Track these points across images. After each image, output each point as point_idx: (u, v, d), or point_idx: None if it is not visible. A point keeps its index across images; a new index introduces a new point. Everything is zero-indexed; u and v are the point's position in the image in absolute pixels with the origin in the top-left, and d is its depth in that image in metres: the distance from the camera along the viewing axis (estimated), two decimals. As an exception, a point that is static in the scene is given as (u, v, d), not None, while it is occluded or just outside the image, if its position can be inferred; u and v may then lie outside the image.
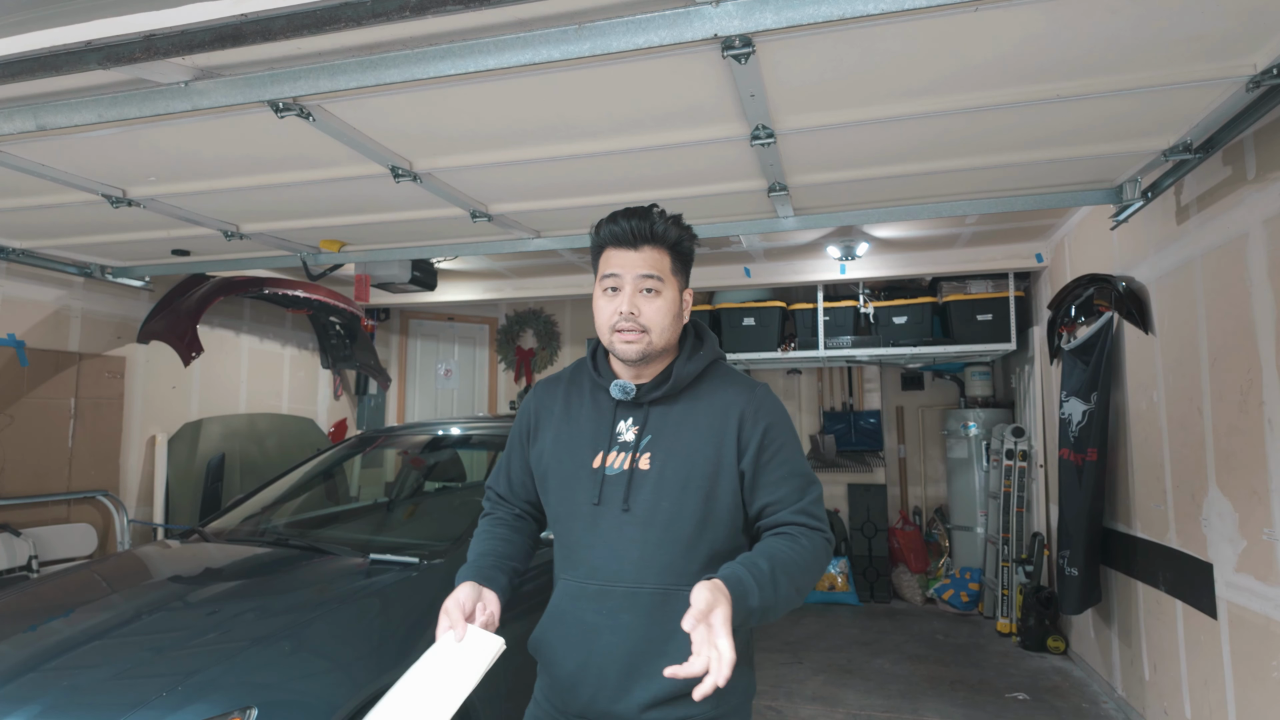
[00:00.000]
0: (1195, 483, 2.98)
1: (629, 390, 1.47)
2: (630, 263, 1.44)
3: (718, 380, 1.52)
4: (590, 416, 1.52)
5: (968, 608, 5.87)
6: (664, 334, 1.45)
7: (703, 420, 1.46)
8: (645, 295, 1.44)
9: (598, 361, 1.56)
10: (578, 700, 1.44)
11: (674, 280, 1.47)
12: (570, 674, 1.45)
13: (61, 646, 2.08)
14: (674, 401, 1.48)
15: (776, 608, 1.30)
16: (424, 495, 4.09)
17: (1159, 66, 1.97)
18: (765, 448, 1.44)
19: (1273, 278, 2.43)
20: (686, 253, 1.51)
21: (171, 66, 1.87)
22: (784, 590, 1.31)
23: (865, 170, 2.74)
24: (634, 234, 1.44)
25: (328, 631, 2.21)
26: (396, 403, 7.23)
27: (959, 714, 3.85)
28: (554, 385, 1.63)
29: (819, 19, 1.58)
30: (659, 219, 1.45)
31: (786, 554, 1.35)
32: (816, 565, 1.40)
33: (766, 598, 1.27)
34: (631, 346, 1.43)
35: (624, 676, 1.39)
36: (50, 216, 3.28)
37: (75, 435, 4.30)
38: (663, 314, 1.44)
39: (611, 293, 1.46)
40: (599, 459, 1.47)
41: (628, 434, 1.48)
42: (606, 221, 1.47)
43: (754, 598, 1.25)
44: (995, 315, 5.47)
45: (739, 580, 1.24)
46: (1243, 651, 2.65)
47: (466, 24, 1.73)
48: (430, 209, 3.15)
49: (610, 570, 1.42)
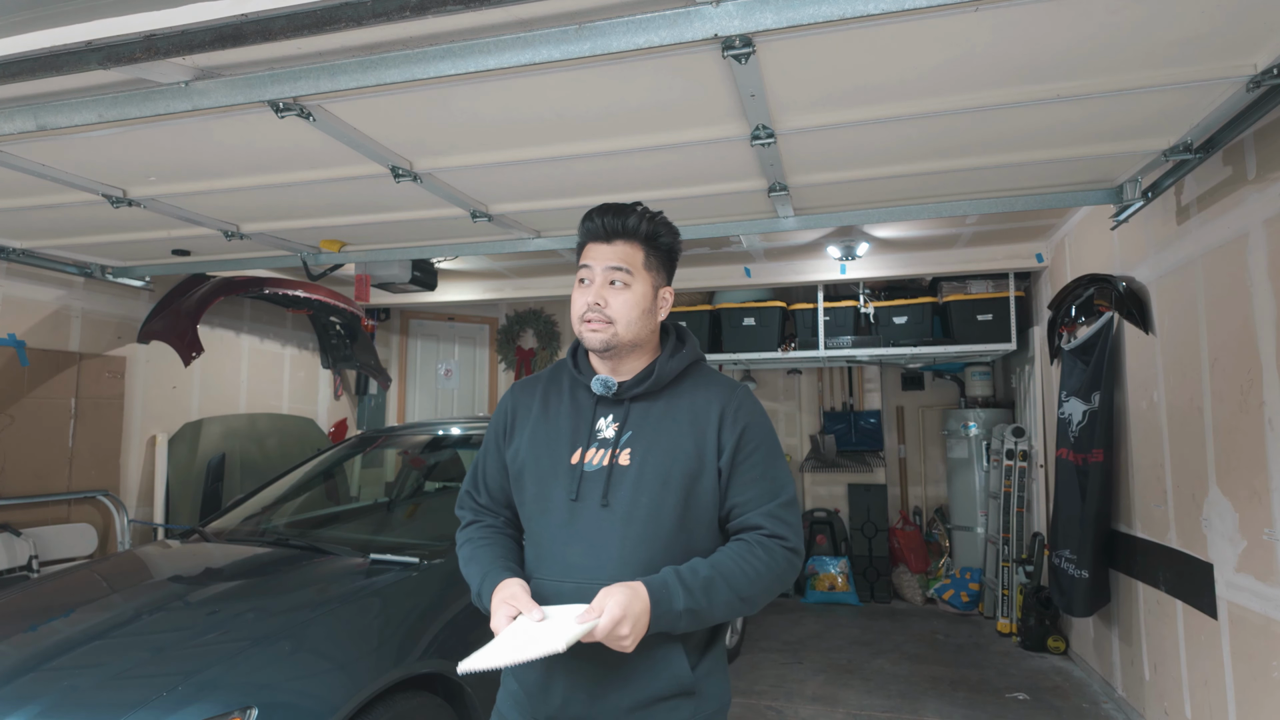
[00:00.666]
0: (1195, 483, 2.98)
1: (611, 385, 1.48)
2: (601, 255, 1.47)
3: (699, 379, 1.53)
4: (569, 413, 1.52)
5: (968, 608, 5.87)
6: (630, 327, 1.46)
7: (684, 418, 1.46)
8: (613, 288, 1.45)
9: (578, 359, 1.56)
10: (549, 706, 1.40)
11: (646, 275, 1.49)
12: (540, 679, 1.41)
13: (61, 646, 2.08)
14: (655, 399, 1.49)
15: (711, 613, 1.33)
16: (424, 495, 4.09)
17: (1159, 66, 1.97)
18: (741, 448, 1.44)
19: (1273, 278, 2.43)
20: (664, 249, 1.52)
21: (172, 66, 1.87)
22: (722, 597, 1.33)
23: (865, 170, 2.74)
24: (606, 229, 1.48)
25: (328, 631, 2.21)
26: (397, 403, 7.23)
27: (959, 714, 3.85)
28: (532, 385, 1.62)
29: (819, 19, 1.58)
30: (633, 214, 1.48)
31: (734, 563, 1.36)
32: (771, 575, 1.38)
33: (697, 603, 1.30)
34: (596, 335, 1.45)
35: (599, 679, 1.37)
36: (51, 216, 3.28)
37: (76, 435, 4.30)
38: (629, 307, 1.45)
39: (583, 284, 1.48)
40: (577, 455, 1.47)
41: (608, 430, 1.47)
42: (585, 217, 1.51)
43: (679, 601, 1.29)
44: (995, 315, 5.47)
45: (663, 584, 1.29)
46: (1243, 652, 2.65)
47: (467, 24, 1.73)
48: (430, 209, 3.15)
49: (587, 568, 1.39)
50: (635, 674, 1.37)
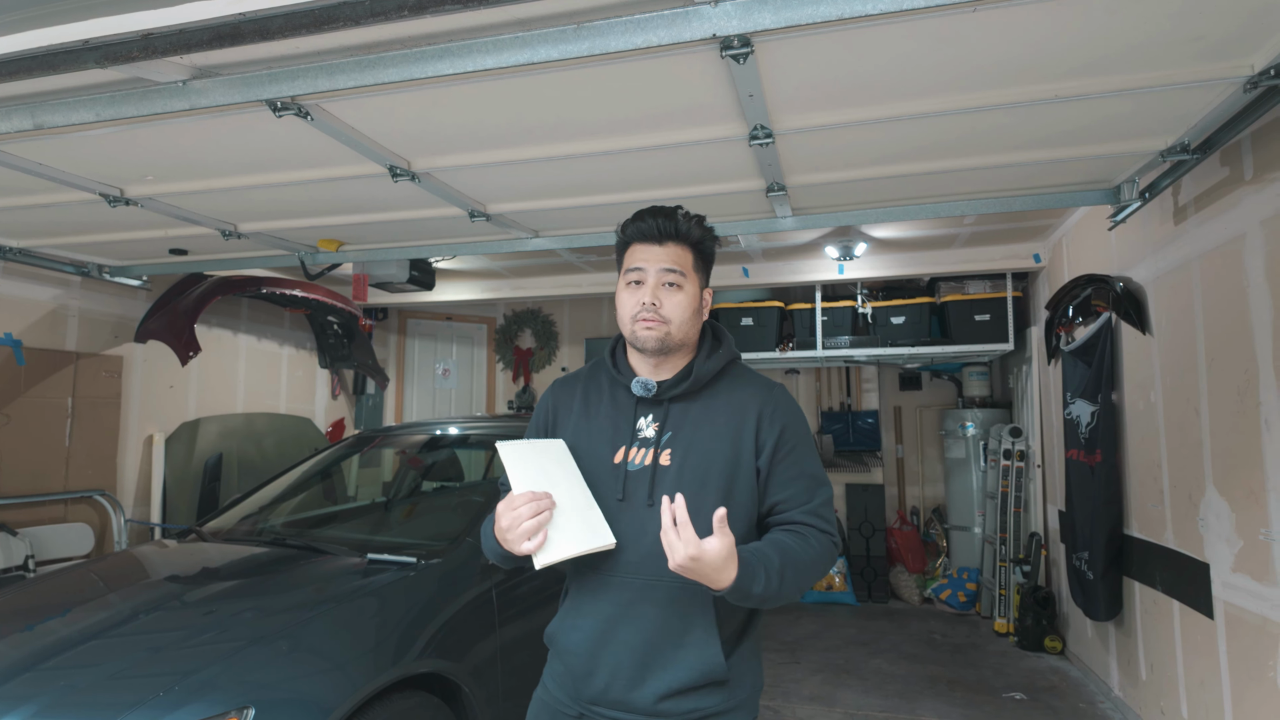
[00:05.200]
0: (1192, 483, 2.98)
1: (650, 387, 1.51)
2: (654, 257, 1.49)
3: (736, 379, 1.56)
4: (609, 413, 1.55)
5: (965, 607, 5.88)
6: (683, 327, 1.49)
7: (721, 418, 1.49)
8: (667, 289, 1.49)
9: (616, 358, 1.59)
10: (591, 689, 1.46)
11: (695, 277, 1.53)
12: (585, 663, 1.46)
13: (58, 646, 2.08)
14: (694, 399, 1.52)
15: (776, 599, 1.36)
16: (422, 495, 4.09)
17: (1157, 67, 1.97)
18: (780, 447, 1.48)
19: (1270, 278, 2.43)
20: (708, 253, 1.57)
21: (169, 65, 1.87)
22: (788, 585, 1.36)
23: (863, 170, 2.74)
24: (660, 231, 1.50)
25: (325, 631, 2.21)
26: (394, 402, 7.23)
27: (956, 714, 3.86)
28: (571, 383, 1.65)
29: (817, 19, 1.58)
30: (683, 218, 1.51)
31: (796, 551, 1.40)
32: (820, 566, 1.43)
33: (771, 588, 1.33)
34: (651, 334, 1.47)
35: (640, 667, 1.42)
36: (47, 215, 3.27)
37: (72, 435, 4.30)
38: (682, 308, 1.49)
39: (635, 285, 1.50)
40: (620, 454, 1.50)
41: (648, 430, 1.51)
42: (633, 219, 1.53)
43: (759, 586, 1.31)
44: (993, 315, 5.48)
45: (750, 567, 1.30)
46: (1239, 651, 2.66)
47: (465, 23, 1.73)
48: (428, 209, 3.14)
49: (630, 563, 1.44)
50: (672, 664, 1.42)
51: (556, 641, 1.54)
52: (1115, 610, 3.82)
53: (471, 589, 2.59)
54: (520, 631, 2.66)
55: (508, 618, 2.64)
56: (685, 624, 1.42)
